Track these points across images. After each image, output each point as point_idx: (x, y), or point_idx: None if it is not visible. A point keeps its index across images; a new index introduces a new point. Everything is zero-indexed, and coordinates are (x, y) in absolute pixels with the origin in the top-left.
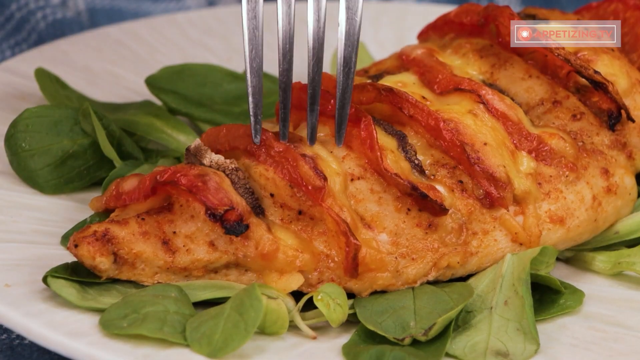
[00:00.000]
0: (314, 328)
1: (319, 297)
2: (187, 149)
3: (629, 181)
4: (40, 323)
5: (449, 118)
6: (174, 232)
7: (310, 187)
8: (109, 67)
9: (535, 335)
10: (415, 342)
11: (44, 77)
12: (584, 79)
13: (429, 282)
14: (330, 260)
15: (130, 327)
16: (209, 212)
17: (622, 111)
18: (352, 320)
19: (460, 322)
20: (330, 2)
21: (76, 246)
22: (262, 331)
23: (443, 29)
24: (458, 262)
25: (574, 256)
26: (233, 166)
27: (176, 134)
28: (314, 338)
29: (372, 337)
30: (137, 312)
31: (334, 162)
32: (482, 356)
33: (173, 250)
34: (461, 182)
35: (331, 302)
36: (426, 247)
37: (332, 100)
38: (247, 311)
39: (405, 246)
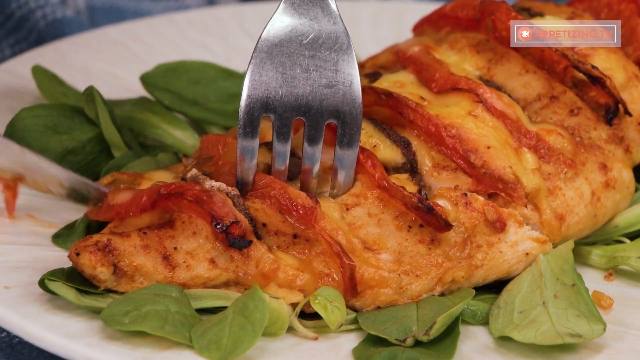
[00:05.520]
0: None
1: (317, 300)
2: (183, 178)
3: (627, 175)
4: (39, 325)
5: (450, 123)
6: (175, 248)
7: (301, 211)
8: (108, 67)
9: (598, 316)
10: (425, 344)
11: (41, 75)
12: (581, 74)
13: None
14: (330, 279)
15: (131, 324)
16: (214, 222)
17: (620, 105)
18: (352, 324)
19: (517, 321)
20: None
21: (77, 254)
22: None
23: (438, 22)
24: (463, 277)
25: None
26: (235, 193)
27: (172, 130)
28: (316, 339)
29: (381, 342)
30: (139, 309)
31: (328, 199)
32: (559, 338)
33: (173, 266)
34: (465, 194)
35: (328, 305)
36: (430, 262)
37: None
38: (252, 313)
39: (409, 263)
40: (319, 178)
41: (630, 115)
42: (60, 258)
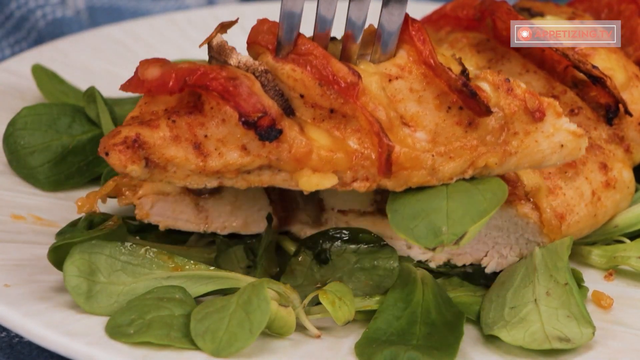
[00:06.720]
0: (319, 327)
1: (325, 294)
2: (209, 45)
3: (627, 175)
4: (39, 323)
5: None
6: (206, 136)
7: (343, 84)
8: (108, 66)
9: (588, 319)
10: (429, 340)
11: (41, 74)
12: (581, 74)
13: None
14: (364, 159)
15: (137, 335)
16: (242, 119)
17: (620, 105)
18: (358, 320)
19: (507, 317)
20: None
21: (107, 154)
22: (267, 329)
23: (439, 22)
24: (496, 163)
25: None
26: (262, 68)
27: None
28: (319, 337)
29: (384, 333)
30: (143, 317)
31: (369, 63)
32: (547, 342)
33: (205, 154)
34: (508, 80)
35: (337, 300)
36: (465, 145)
37: None
38: (253, 311)
39: (444, 144)
40: (362, 40)
41: (631, 115)
42: None
